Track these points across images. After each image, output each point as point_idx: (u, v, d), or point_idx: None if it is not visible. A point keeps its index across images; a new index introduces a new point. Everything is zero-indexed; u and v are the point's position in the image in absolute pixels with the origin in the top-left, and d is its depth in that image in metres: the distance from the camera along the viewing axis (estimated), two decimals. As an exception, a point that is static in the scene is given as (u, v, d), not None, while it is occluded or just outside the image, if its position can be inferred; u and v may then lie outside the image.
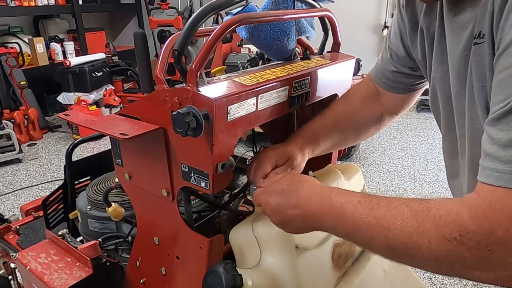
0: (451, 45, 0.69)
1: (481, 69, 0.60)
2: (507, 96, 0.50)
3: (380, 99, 0.99)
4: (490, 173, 0.50)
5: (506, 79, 0.50)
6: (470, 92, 0.64)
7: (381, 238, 0.57)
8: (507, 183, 0.48)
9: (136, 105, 0.82)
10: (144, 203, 0.90)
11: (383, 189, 2.79)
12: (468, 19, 0.63)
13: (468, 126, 0.68)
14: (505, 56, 0.51)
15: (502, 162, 0.49)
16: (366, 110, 0.99)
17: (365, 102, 0.99)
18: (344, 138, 1.00)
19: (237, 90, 0.74)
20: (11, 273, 1.32)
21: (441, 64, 0.74)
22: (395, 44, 0.90)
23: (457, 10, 0.66)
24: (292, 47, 0.97)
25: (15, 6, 4.38)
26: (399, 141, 3.65)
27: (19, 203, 2.76)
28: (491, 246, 0.48)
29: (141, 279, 0.97)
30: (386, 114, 1.01)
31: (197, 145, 0.73)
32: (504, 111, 0.50)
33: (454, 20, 0.67)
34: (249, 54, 3.58)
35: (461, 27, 0.65)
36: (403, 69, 0.91)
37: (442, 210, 0.52)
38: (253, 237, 0.82)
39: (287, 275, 0.81)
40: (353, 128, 1.00)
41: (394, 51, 0.90)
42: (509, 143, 0.49)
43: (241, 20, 0.76)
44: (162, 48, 0.85)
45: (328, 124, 0.96)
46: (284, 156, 0.88)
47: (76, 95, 4.12)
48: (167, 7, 5.14)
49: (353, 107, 0.99)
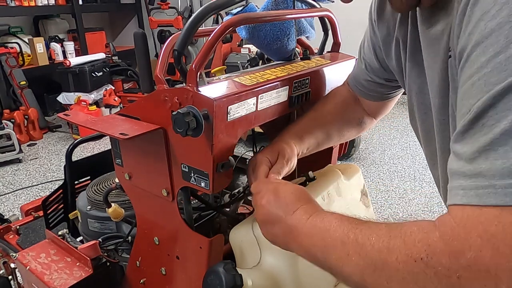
0: (428, 58, 0.67)
1: (456, 82, 0.56)
2: (470, 106, 0.44)
3: (358, 103, 0.99)
4: (456, 192, 0.44)
5: (468, 89, 0.45)
6: (453, 103, 0.60)
7: (355, 256, 0.52)
8: (473, 199, 0.42)
9: (136, 105, 0.82)
10: (144, 203, 0.90)
11: (383, 189, 2.79)
12: (441, 32, 0.61)
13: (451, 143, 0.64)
14: (466, 67, 0.46)
15: (467, 177, 0.43)
16: (346, 112, 0.98)
17: (344, 104, 0.98)
18: (328, 136, 0.98)
19: (237, 90, 0.74)
20: (11, 273, 1.32)
21: (419, 76, 0.72)
22: (368, 56, 0.89)
23: (430, 22, 0.64)
24: (292, 47, 0.97)
25: (15, 6, 4.38)
26: (399, 141, 3.65)
27: (19, 203, 2.76)
28: (461, 272, 0.41)
29: (141, 279, 0.97)
30: (365, 118, 1.00)
31: (197, 145, 0.73)
32: (468, 122, 0.44)
33: (428, 32, 0.65)
34: (249, 54, 3.58)
35: (436, 39, 0.63)
36: (378, 80, 0.90)
37: (414, 227, 0.47)
38: (253, 237, 0.82)
39: (287, 275, 0.81)
40: (335, 126, 0.99)
41: (368, 63, 0.90)
42: (474, 155, 0.43)
43: (241, 20, 0.76)
44: (162, 48, 0.85)
45: (311, 122, 0.95)
46: (274, 153, 0.87)
47: (76, 95, 4.12)
48: (167, 7, 5.14)
49: (334, 107, 0.98)
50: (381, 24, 0.81)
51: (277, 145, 0.89)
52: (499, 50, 0.42)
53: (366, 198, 1.06)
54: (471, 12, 0.46)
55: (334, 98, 0.99)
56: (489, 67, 0.43)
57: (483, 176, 0.42)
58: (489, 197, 0.41)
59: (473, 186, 0.43)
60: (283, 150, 0.88)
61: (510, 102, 0.40)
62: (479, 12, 0.45)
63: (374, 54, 0.87)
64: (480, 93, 0.43)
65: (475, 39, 0.45)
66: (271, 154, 0.87)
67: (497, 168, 0.41)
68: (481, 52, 0.44)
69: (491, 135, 0.41)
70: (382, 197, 2.68)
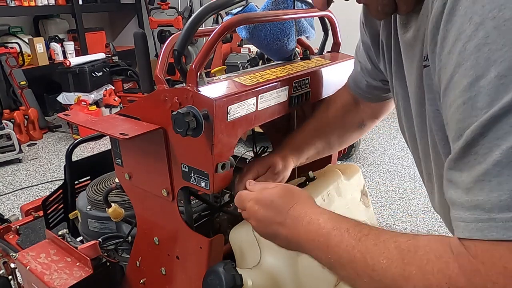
0: (406, 63, 0.67)
1: (433, 93, 0.56)
2: (460, 131, 0.44)
3: (360, 105, 0.98)
4: (458, 224, 0.45)
5: (455, 112, 0.45)
6: (429, 114, 0.60)
7: (366, 277, 0.51)
8: (476, 233, 0.42)
9: (136, 105, 0.82)
10: (144, 203, 0.90)
11: (383, 189, 2.79)
12: (413, 38, 0.61)
13: (432, 148, 0.63)
14: (450, 89, 0.46)
15: (466, 209, 0.44)
16: (347, 117, 0.98)
17: (345, 108, 0.98)
18: (328, 145, 0.99)
19: (237, 90, 0.74)
20: (11, 273, 1.32)
21: (401, 80, 0.72)
22: (363, 58, 0.89)
23: (406, 27, 0.64)
24: (292, 47, 0.97)
25: (15, 6, 4.38)
26: (399, 141, 3.65)
27: (19, 203, 2.76)
28: None
29: (141, 279, 0.97)
30: (366, 119, 1.00)
31: (197, 145, 0.73)
32: (461, 148, 0.44)
33: (404, 37, 0.65)
34: (249, 54, 3.57)
35: (411, 46, 0.63)
36: (374, 82, 0.89)
37: (431, 254, 0.46)
38: (253, 237, 0.82)
39: (287, 275, 0.81)
40: (335, 134, 0.99)
41: (363, 65, 0.90)
42: (469, 185, 0.43)
43: (241, 20, 0.76)
44: (162, 48, 0.85)
45: (311, 132, 0.96)
46: (264, 165, 0.88)
47: (76, 95, 4.12)
48: (167, 7, 5.13)
49: (334, 113, 0.98)
50: (368, 26, 0.81)
51: (270, 158, 0.90)
52: (481, 73, 0.42)
53: (366, 198, 1.06)
54: (446, 30, 0.46)
55: (334, 103, 0.99)
56: (473, 91, 0.42)
57: (481, 209, 0.42)
58: (491, 231, 0.41)
59: (472, 219, 0.43)
60: (275, 164, 0.89)
61: (500, 130, 0.41)
62: (455, 31, 0.45)
63: (367, 56, 0.87)
64: (468, 117, 0.43)
65: (456, 59, 0.45)
66: (261, 165, 0.88)
67: (494, 201, 0.41)
68: (463, 75, 0.44)
69: (484, 165, 0.42)
70: (382, 197, 2.68)
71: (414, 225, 2.35)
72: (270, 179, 0.88)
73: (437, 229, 2.29)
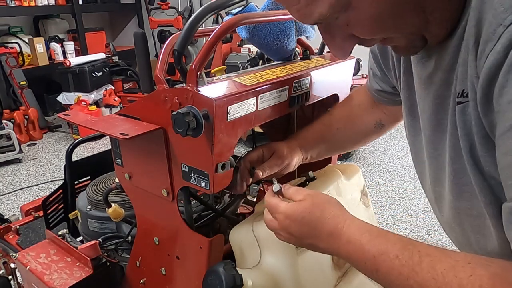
0: (419, 88, 0.67)
1: (468, 128, 0.56)
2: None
3: (378, 105, 0.97)
4: None
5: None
6: (456, 147, 0.60)
7: None
8: None
9: (136, 105, 0.82)
10: (144, 203, 0.90)
11: (383, 189, 2.79)
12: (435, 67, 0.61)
13: (453, 179, 0.63)
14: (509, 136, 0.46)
15: None
16: (364, 116, 0.97)
17: (362, 107, 0.97)
18: (340, 143, 0.99)
19: (237, 90, 0.74)
20: (11, 273, 1.32)
21: (409, 99, 0.71)
22: (373, 65, 0.88)
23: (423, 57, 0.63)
24: (292, 47, 0.97)
25: (15, 6, 4.38)
26: (399, 141, 3.65)
27: (19, 203, 2.76)
28: None
29: (141, 279, 0.97)
30: (385, 120, 0.98)
31: (197, 145, 0.73)
32: None
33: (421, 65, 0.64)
34: (249, 54, 3.58)
35: (430, 74, 0.62)
36: (386, 88, 0.88)
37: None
38: (253, 237, 0.82)
39: (287, 275, 0.81)
40: (350, 134, 0.98)
41: (374, 72, 0.89)
42: None
43: (241, 20, 0.76)
44: (162, 48, 0.85)
45: (323, 127, 0.96)
46: (270, 149, 0.89)
47: (76, 95, 4.12)
48: (167, 7, 5.13)
49: (351, 113, 0.97)
50: None
51: (277, 144, 0.90)
52: None
53: (366, 198, 1.06)
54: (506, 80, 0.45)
55: (351, 101, 0.99)
56: None
57: None
58: None
59: None
60: (280, 150, 0.89)
61: None
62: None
63: (377, 64, 0.85)
64: None
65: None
66: (266, 148, 0.89)
67: None
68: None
69: None
70: (382, 197, 2.68)
71: (414, 225, 2.35)
72: (275, 164, 0.88)
73: (437, 229, 2.29)
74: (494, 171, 0.53)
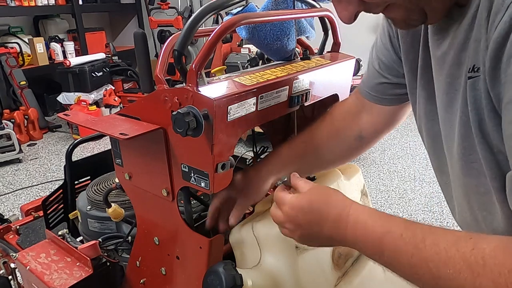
0: (434, 67, 0.68)
1: (477, 103, 0.57)
2: None
3: (361, 114, 0.93)
4: None
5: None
6: (466, 124, 0.60)
7: (429, 281, 0.52)
8: None
9: (136, 105, 0.82)
10: (144, 203, 0.90)
11: (383, 189, 2.79)
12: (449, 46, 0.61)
13: (462, 156, 0.64)
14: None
15: None
16: (345, 129, 0.94)
17: (344, 121, 0.95)
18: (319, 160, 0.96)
19: (237, 90, 0.74)
20: (11, 273, 1.32)
21: (428, 83, 0.71)
22: (383, 52, 0.85)
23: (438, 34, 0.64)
24: (292, 47, 0.97)
25: (15, 6, 4.37)
26: (399, 141, 3.65)
27: (19, 203, 2.76)
28: None
29: (141, 279, 0.97)
30: (366, 132, 0.94)
31: (197, 145, 0.73)
32: None
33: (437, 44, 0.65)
34: (249, 54, 3.57)
35: (443, 54, 0.63)
36: (394, 79, 0.85)
37: (502, 268, 0.47)
38: (253, 237, 0.82)
39: (287, 275, 0.81)
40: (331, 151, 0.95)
41: (382, 61, 0.85)
42: None
43: (241, 20, 0.76)
44: (162, 48, 0.85)
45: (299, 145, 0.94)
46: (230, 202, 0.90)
47: (76, 95, 4.12)
48: (167, 7, 5.13)
49: (332, 127, 0.95)
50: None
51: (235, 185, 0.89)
52: None
53: (366, 198, 1.06)
54: None
55: (331, 116, 0.97)
56: None
57: None
58: None
59: None
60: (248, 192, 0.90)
61: None
62: None
63: (390, 45, 0.83)
64: None
65: None
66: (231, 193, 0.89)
67: None
68: None
69: None
70: (382, 197, 2.68)
71: (414, 225, 2.35)
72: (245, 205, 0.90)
73: (437, 229, 2.29)
74: (502, 145, 0.53)
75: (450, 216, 2.58)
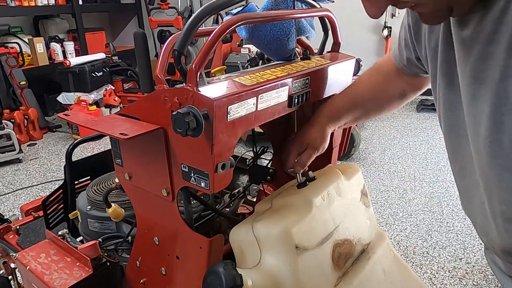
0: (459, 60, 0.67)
1: None
2: None
3: (403, 75, 0.99)
4: None
5: None
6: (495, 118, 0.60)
7: None
8: None
9: (136, 105, 0.82)
10: (144, 203, 0.90)
11: (383, 189, 2.79)
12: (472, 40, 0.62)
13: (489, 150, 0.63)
14: None
15: None
16: (388, 86, 1.01)
17: (387, 77, 1.01)
18: (366, 112, 1.04)
19: (237, 90, 0.74)
20: (11, 273, 1.32)
21: (447, 73, 0.71)
22: (406, 36, 0.88)
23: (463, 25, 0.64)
24: (292, 47, 0.97)
25: (15, 6, 4.38)
26: (399, 141, 3.65)
27: (19, 203, 2.76)
28: None
29: (141, 279, 0.97)
30: (408, 90, 1.01)
31: (197, 145, 0.73)
32: None
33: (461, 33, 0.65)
34: (249, 54, 3.58)
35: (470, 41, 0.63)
36: (414, 61, 0.89)
37: None
38: (253, 237, 0.82)
39: (287, 275, 0.81)
40: (374, 103, 1.03)
41: (406, 42, 0.89)
42: None
43: (241, 20, 0.76)
44: (162, 48, 0.85)
45: (350, 98, 1.00)
46: (303, 144, 0.96)
47: (76, 95, 4.12)
48: (167, 7, 5.13)
49: (375, 82, 1.02)
50: None
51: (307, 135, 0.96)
52: None
53: (366, 198, 1.06)
54: None
55: (377, 71, 1.02)
56: None
57: None
58: None
59: None
60: (313, 142, 0.95)
61: None
62: None
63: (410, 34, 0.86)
64: None
65: None
66: (299, 144, 0.96)
67: None
68: None
69: None
70: (382, 197, 2.68)
71: (414, 225, 2.35)
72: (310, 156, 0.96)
73: (437, 229, 2.29)
74: None
75: (450, 216, 2.58)
